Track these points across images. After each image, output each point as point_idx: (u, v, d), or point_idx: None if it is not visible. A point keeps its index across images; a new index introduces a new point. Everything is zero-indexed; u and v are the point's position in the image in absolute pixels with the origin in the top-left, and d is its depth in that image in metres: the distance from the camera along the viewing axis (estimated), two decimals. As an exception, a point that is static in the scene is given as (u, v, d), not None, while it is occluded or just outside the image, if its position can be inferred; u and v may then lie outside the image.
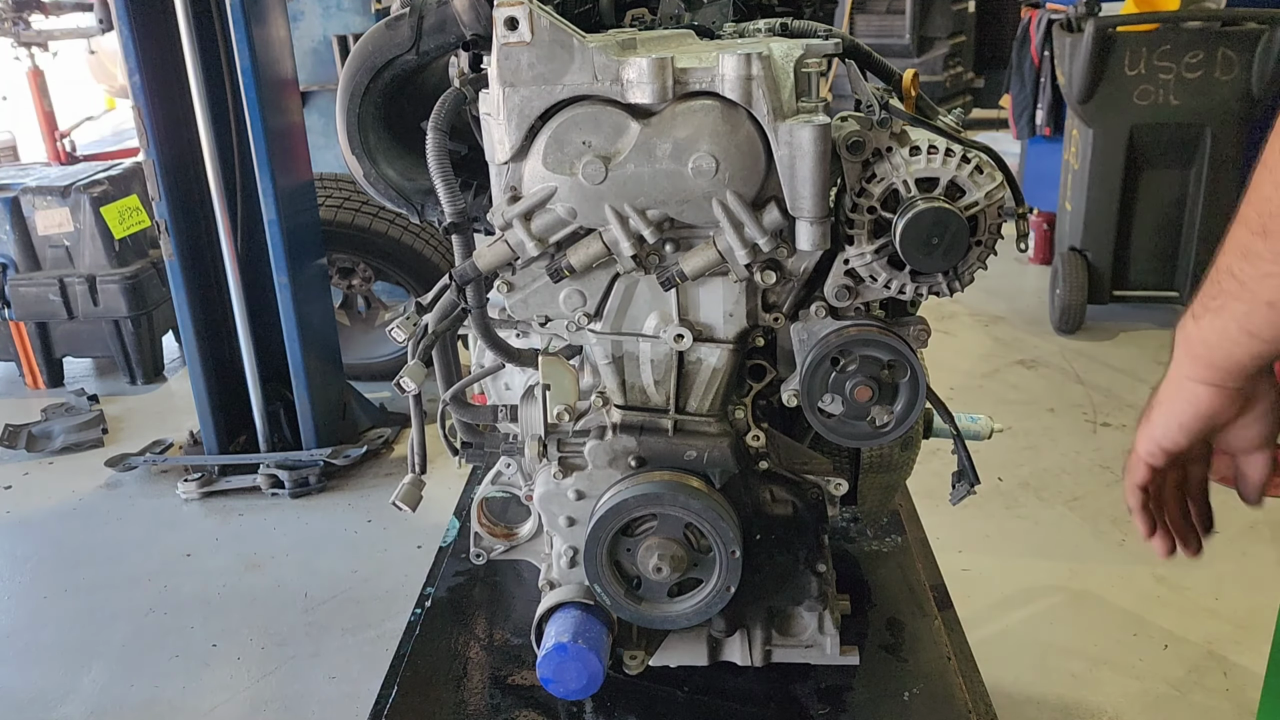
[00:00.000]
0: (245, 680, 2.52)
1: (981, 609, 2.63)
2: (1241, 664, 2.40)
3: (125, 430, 4.01)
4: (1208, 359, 0.91)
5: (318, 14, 4.26)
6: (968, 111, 7.64)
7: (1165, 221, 4.23)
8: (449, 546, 1.72)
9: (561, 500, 1.28)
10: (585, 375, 1.31)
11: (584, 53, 1.07)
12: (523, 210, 1.13)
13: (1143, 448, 1.00)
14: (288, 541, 3.15)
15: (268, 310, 3.38)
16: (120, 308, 4.19)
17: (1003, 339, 4.45)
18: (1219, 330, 0.88)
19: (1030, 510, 3.10)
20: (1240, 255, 0.84)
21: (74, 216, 4.14)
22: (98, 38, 6.79)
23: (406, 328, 1.29)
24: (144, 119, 3.11)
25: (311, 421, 3.47)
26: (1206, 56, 3.94)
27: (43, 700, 2.49)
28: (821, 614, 1.34)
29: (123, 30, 3.05)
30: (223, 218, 3.26)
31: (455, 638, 1.49)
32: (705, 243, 1.14)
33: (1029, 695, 2.33)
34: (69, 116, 6.89)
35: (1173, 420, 0.96)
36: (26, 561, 3.14)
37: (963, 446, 1.27)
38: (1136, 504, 1.04)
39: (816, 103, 1.09)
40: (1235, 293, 0.85)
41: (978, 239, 1.09)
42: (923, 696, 1.33)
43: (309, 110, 4.23)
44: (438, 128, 1.18)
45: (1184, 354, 0.93)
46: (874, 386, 1.15)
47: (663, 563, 1.21)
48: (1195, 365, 0.92)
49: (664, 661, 1.37)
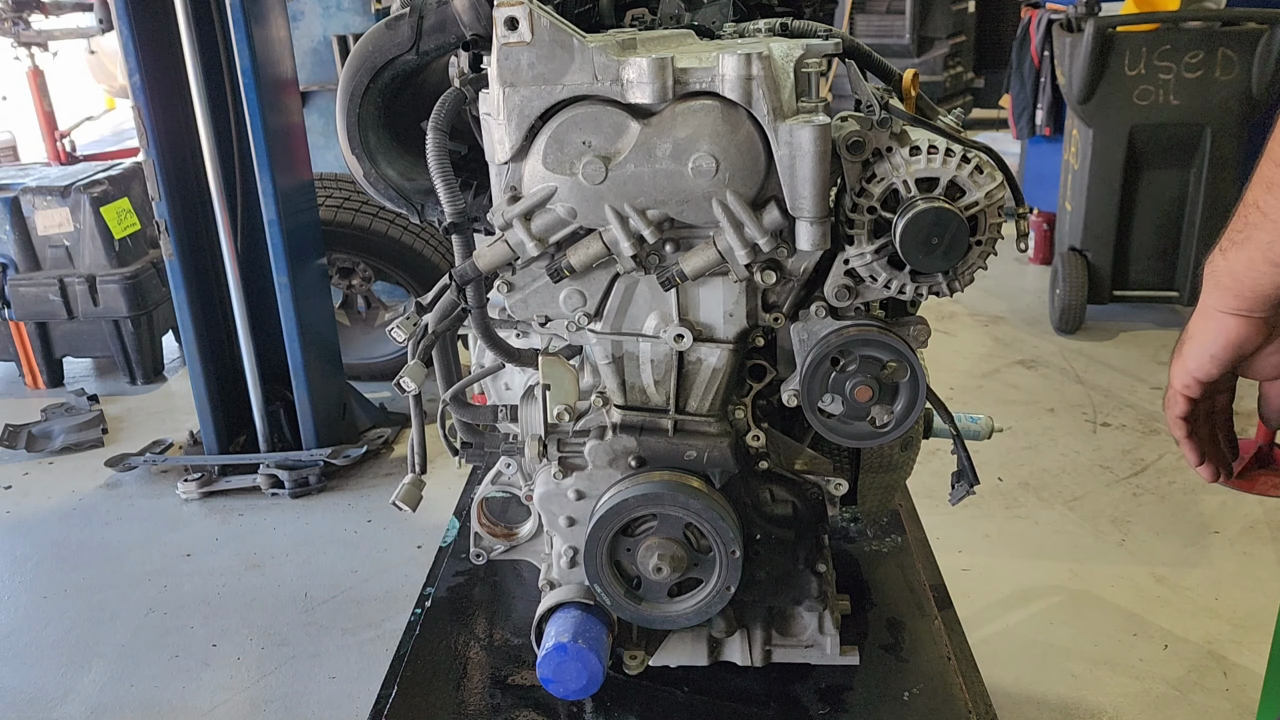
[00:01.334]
0: (245, 680, 2.52)
1: (981, 609, 2.63)
2: (1241, 664, 2.40)
3: (125, 430, 4.01)
4: (1235, 289, 0.95)
5: (318, 14, 4.26)
6: (968, 111, 7.64)
7: (1165, 221, 4.23)
8: (449, 546, 1.72)
9: (561, 500, 1.28)
10: (585, 375, 1.31)
11: (584, 53, 1.07)
12: (523, 210, 1.13)
13: (1178, 381, 1.05)
14: (288, 541, 3.15)
15: (268, 310, 3.38)
16: (120, 308, 4.19)
17: (1003, 339, 4.45)
18: (1245, 261, 0.92)
19: (1030, 510, 3.10)
20: (1265, 188, 0.89)
21: (74, 216, 4.14)
22: (98, 38, 6.80)
23: (406, 328, 1.29)
24: (144, 119, 3.11)
25: (311, 421, 3.47)
26: (1206, 56, 3.94)
27: (43, 700, 2.49)
28: (821, 614, 1.34)
29: (123, 30, 3.05)
30: (223, 218, 3.26)
31: (455, 638, 1.49)
32: (705, 243, 1.14)
33: (1029, 695, 2.33)
34: (69, 116, 6.89)
35: (1204, 351, 1.00)
36: (26, 561, 3.14)
37: (962, 446, 1.27)
38: (1182, 434, 1.08)
39: (816, 103, 1.09)
40: (1260, 224, 0.90)
41: (978, 239, 1.09)
42: (923, 696, 1.33)
43: (309, 110, 4.23)
44: (438, 128, 1.18)
45: (1212, 286, 0.97)
46: (874, 386, 1.15)
47: (663, 563, 1.21)
48: (1223, 296, 0.97)
49: (664, 661, 1.37)
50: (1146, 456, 3.39)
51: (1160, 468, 3.31)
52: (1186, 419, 1.08)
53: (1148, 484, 3.22)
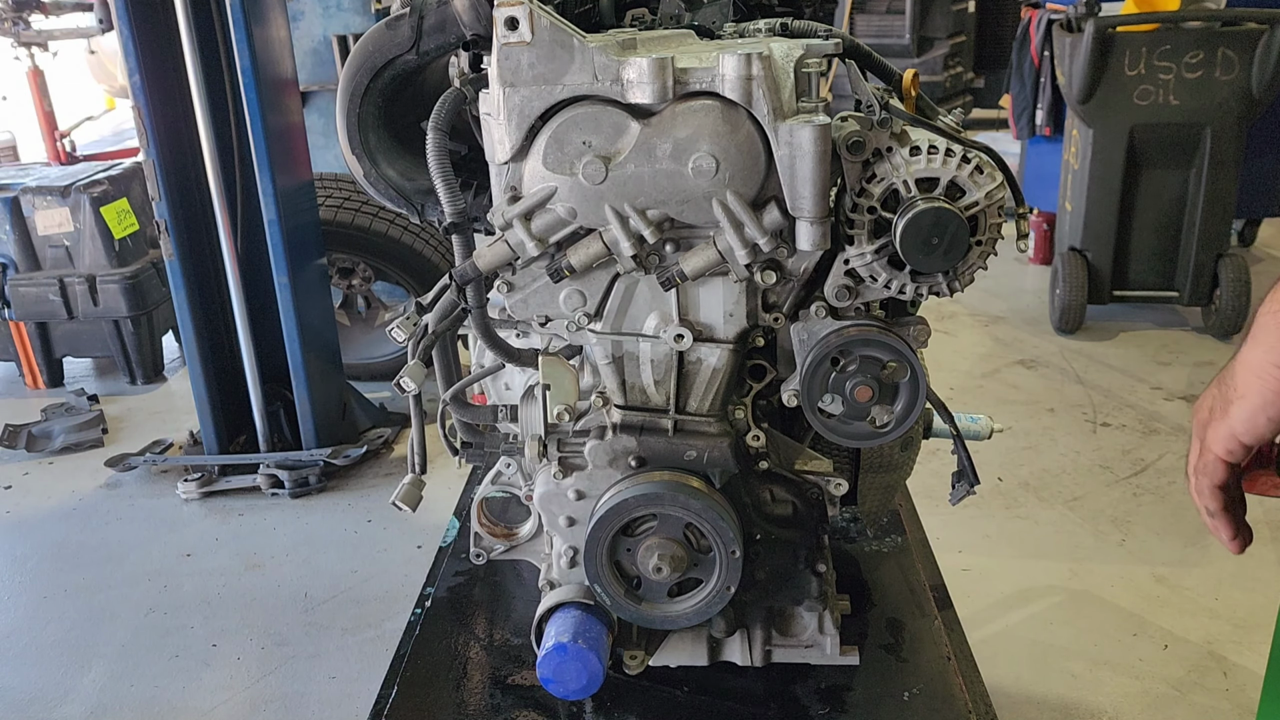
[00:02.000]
0: (245, 680, 2.52)
1: (981, 609, 2.63)
2: (1241, 664, 2.40)
3: (125, 430, 4.01)
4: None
5: (318, 14, 4.26)
6: (968, 111, 7.64)
7: (1165, 221, 4.23)
8: (449, 546, 1.72)
9: (561, 500, 1.28)
10: (585, 375, 1.31)
11: (584, 53, 1.07)
12: (523, 210, 1.13)
13: (1220, 446, 0.92)
14: (288, 541, 3.15)
15: (268, 310, 3.38)
16: (120, 308, 4.19)
17: (1003, 339, 4.45)
18: None
19: (1030, 510, 3.10)
20: None
21: (74, 216, 4.14)
22: (98, 38, 6.80)
23: (406, 328, 1.29)
24: (144, 119, 3.11)
25: (311, 421, 3.47)
26: (1206, 56, 3.94)
27: (43, 700, 2.49)
28: (821, 614, 1.34)
29: (123, 30, 3.05)
30: (223, 218, 3.26)
31: (455, 638, 1.49)
32: (705, 243, 1.14)
33: (1029, 695, 2.33)
34: (69, 116, 6.89)
35: (1260, 413, 0.88)
36: (26, 561, 3.14)
37: (963, 446, 1.27)
38: (1219, 506, 0.95)
39: (816, 103, 1.09)
40: None
41: (978, 239, 1.09)
42: (923, 696, 1.32)
43: (309, 110, 4.23)
44: (438, 128, 1.18)
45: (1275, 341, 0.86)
46: (874, 386, 1.15)
47: (663, 563, 1.21)
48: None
49: (664, 661, 1.37)
50: (1146, 456, 3.39)
51: (1160, 468, 3.31)
52: (1224, 488, 0.95)
53: (1148, 484, 3.22)
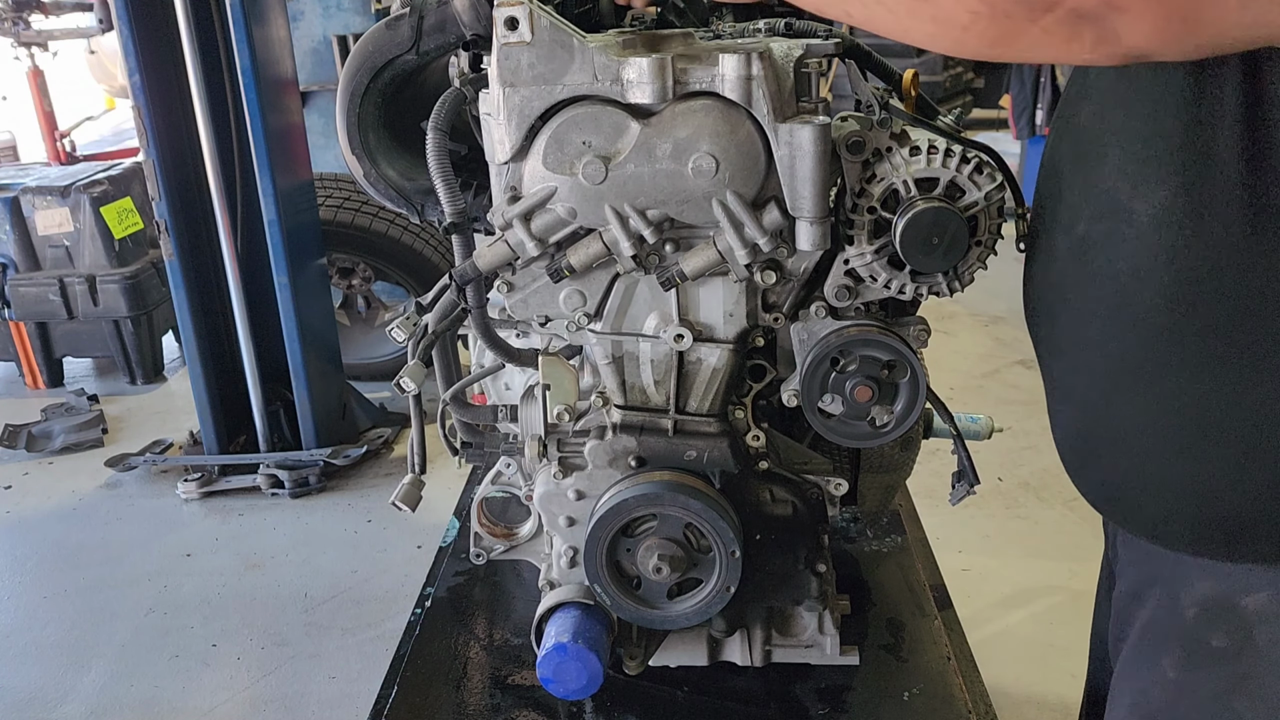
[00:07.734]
0: (245, 680, 2.52)
1: (981, 609, 2.63)
2: (1241, 664, 2.39)
3: (125, 430, 4.01)
4: None
5: (318, 14, 4.26)
6: (968, 111, 7.65)
7: (1165, 221, 4.22)
8: (449, 546, 1.72)
9: (561, 500, 1.28)
10: (585, 375, 1.31)
11: (584, 53, 1.07)
12: (523, 210, 1.13)
13: None
14: (288, 541, 3.15)
15: (268, 310, 3.38)
16: (120, 308, 4.19)
17: (1003, 339, 4.45)
18: None
19: (1030, 510, 3.10)
20: None
21: (74, 216, 4.14)
22: (98, 38, 6.80)
23: (406, 328, 1.29)
24: (144, 119, 3.11)
25: (311, 421, 3.47)
26: (1206, 56, 3.93)
27: (42, 700, 2.49)
28: (821, 614, 1.34)
29: (123, 30, 3.05)
30: (223, 218, 3.26)
31: (455, 638, 1.49)
32: (705, 243, 1.14)
33: (1029, 695, 2.33)
34: (69, 116, 6.89)
35: None
36: (26, 561, 3.14)
37: (963, 446, 1.27)
38: None
39: (816, 103, 1.09)
40: None
41: (978, 239, 1.09)
42: (923, 696, 1.32)
43: (309, 110, 4.23)
44: (438, 128, 1.18)
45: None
46: (874, 386, 1.15)
47: (662, 563, 1.21)
48: None
49: (664, 661, 1.37)
50: (1146, 456, 3.38)
51: (1160, 468, 3.31)
52: None
53: (1148, 484, 3.22)
